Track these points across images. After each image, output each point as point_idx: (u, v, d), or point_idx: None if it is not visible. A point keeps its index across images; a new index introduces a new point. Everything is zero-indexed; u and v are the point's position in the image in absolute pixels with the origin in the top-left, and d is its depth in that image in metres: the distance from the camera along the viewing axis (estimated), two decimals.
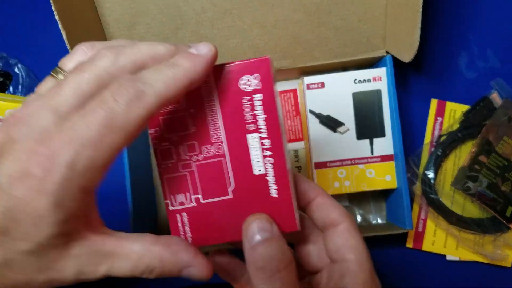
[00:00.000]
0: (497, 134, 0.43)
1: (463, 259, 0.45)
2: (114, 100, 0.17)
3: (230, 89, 0.22)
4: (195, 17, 0.40)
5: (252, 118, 0.22)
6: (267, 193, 0.22)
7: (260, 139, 0.22)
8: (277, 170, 0.22)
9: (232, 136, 0.22)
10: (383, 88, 0.41)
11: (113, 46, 0.20)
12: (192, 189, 0.23)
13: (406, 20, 0.36)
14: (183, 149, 0.23)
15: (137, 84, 0.18)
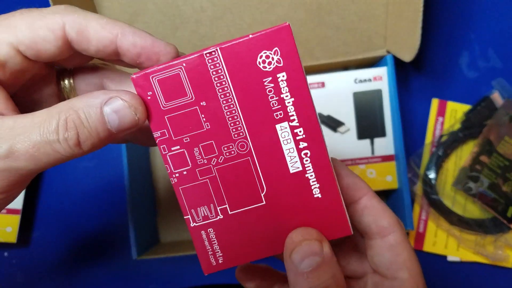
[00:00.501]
0: (498, 134, 0.43)
1: (464, 259, 0.45)
2: None
3: (246, 71, 0.18)
4: (194, 16, 0.39)
5: (278, 103, 0.18)
6: (310, 194, 0.19)
7: (291, 128, 0.18)
8: (318, 164, 0.19)
9: (257, 130, 0.18)
10: (384, 87, 0.41)
11: None
12: (216, 199, 0.19)
13: (407, 19, 0.36)
14: (198, 152, 0.19)
15: None
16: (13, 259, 0.47)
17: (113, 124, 0.18)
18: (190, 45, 0.41)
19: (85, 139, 0.17)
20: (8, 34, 0.18)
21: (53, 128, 0.17)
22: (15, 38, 0.18)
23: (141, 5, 0.39)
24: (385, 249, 0.20)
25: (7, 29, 0.18)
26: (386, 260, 0.20)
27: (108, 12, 0.39)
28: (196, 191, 0.19)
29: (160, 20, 0.39)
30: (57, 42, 0.18)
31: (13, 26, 0.18)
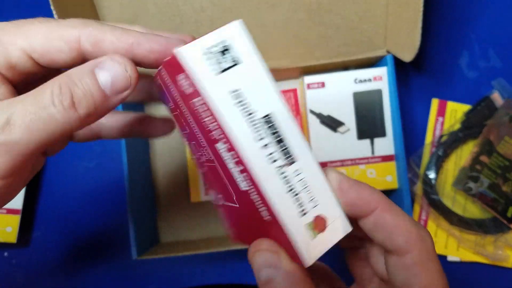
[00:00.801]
0: (498, 134, 0.43)
1: (464, 259, 0.45)
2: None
3: (177, 92, 0.19)
4: (194, 16, 0.39)
5: (210, 122, 0.17)
6: (260, 215, 0.18)
7: (227, 150, 0.17)
8: (256, 189, 0.17)
9: (209, 143, 0.18)
10: (384, 87, 0.41)
11: None
12: (215, 188, 0.21)
13: (407, 19, 0.36)
14: (194, 147, 0.21)
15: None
16: (13, 259, 0.47)
17: (105, 84, 0.18)
18: None
19: (79, 101, 0.17)
20: (23, 40, 0.19)
21: (48, 95, 0.17)
22: (29, 45, 0.19)
23: (141, 5, 0.39)
24: (401, 269, 0.18)
25: (23, 35, 0.19)
26: (401, 279, 0.18)
27: (108, 12, 0.39)
28: (205, 177, 0.21)
29: (160, 20, 0.39)
30: (71, 53, 0.19)
31: (29, 33, 0.19)
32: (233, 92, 0.17)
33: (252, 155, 0.17)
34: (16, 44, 0.18)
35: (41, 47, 0.19)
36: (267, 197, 0.17)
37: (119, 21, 0.39)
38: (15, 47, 0.18)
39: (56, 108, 0.17)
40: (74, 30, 0.19)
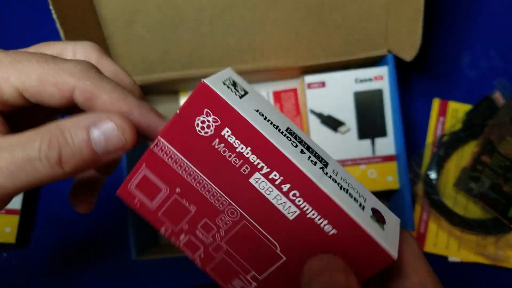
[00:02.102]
0: (499, 134, 0.43)
1: (465, 260, 0.45)
2: None
3: (193, 144, 0.17)
4: (194, 15, 0.39)
5: (239, 159, 0.17)
6: (322, 233, 0.17)
7: (265, 176, 0.17)
8: (314, 199, 0.17)
9: (236, 192, 0.18)
10: (384, 87, 0.41)
11: None
12: (241, 269, 0.19)
13: (408, 18, 0.36)
14: (201, 233, 0.19)
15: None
16: (12, 260, 0.47)
17: (99, 146, 0.18)
18: (190, 44, 0.40)
19: (67, 159, 0.17)
20: (17, 79, 0.18)
21: (36, 146, 0.17)
22: (22, 85, 0.18)
23: (141, 4, 0.39)
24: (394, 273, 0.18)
25: (19, 73, 0.18)
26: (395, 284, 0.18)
27: (107, 12, 0.39)
28: (221, 267, 0.20)
29: (160, 19, 0.39)
30: (61, 100, 0.19)
31: (25, 72, 0.18)
32: (257, 112, 0.17)
33: (300, 163, 0.17)
34: (9, 81, 0.18)
35: (33, 89, 0.18)
36: (330, 198, 0.16)
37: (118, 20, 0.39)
38: (7, 84, 0.18)
39: (42, 162, 0.17)
40: (71, 79, 0.18)
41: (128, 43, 0.40)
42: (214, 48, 0.41)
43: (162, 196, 0.19)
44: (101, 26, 0.39)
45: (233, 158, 0.17)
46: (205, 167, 0.18)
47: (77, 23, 0.35)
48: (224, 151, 0.17)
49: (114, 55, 0.41)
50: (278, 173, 0.17)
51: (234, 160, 0.17)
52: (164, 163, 0.18)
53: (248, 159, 0.17)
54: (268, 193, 0.17)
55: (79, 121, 0.18)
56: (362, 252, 0.17)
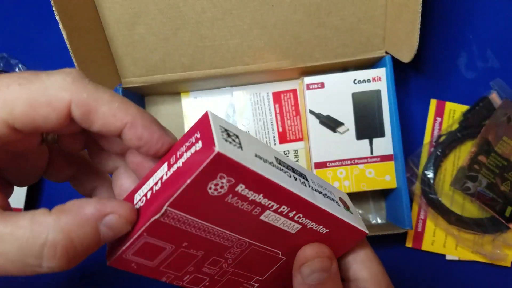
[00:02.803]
0: (496, 134, 0.44)
1: (462, 258, 0.46)
2: None
3: (207, 205, 0.17)
4: (195, 17, 0.40)
5: (251, 205, 0.18)
6: (318, 234, 0.21)
7: (275, 211, 0.19)
8: (315, 217, 0.20)
9: (244, 230, 0.19)
10: (382, 88, 0.41)
11: None
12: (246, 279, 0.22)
13: (406, 20, 0.36)
14: (208, 268, 0.20)
15: None
16: None
17: (106, 239, 0.17)
18: (191, 46, 0.41)
19: (74, 261, 0.16)
20: (2, 112, 0.16)
21: (36, 251, 0.15)
22: (11, 116, 0.16)
23: (142, 6, 0.39)
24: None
25: (3, 105, 0.16)
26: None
27: (109, 13, 0.39)
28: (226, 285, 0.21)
29: (161, 21, 0.40)
30: (59, 120, 0.16)
31: (9, 102, 0.16)
32: (256, 156, 0.18)
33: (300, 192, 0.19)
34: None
35: (25, 117, 0.16)
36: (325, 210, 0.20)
37: (120, 22, 0.40)
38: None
39: (43, 269, 0.16)
40: (65, 93, 0.16)
41: (130, 45, 0.41)
42: (215, 49, 0.41)
43: (165, 253, 0.18)
44: (104, 28, 0.40)
45: (245, 206, 0.18)
46: (216, 220, 0.18)
47: (80, 25, 0.36)
48: (237, 203, 0.18)
49: (116, 56, 0.41)
50: (286, 206, 0.19)
51: (247, 207, 0.18)
52: (172, 227, 0.17)
53: (260, 203, 0.18)
54: (276, 222, 0.19)
55: (84, 217, 0.16)
56: (345, 236, 0.21)
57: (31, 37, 0.49)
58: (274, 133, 0.47)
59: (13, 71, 0.47)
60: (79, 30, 0.35)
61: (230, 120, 0.47)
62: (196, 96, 0.48)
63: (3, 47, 0.49)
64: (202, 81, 0.44)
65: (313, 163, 0.42)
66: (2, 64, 0.48)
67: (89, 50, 0.37)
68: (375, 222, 0.46)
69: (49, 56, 0.49)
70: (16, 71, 0.48)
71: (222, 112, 0.47)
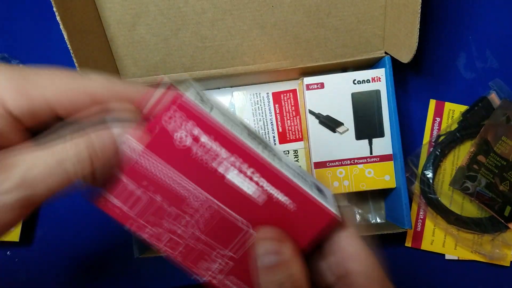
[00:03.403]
0: (495, 134, 0.44)
1: (462, 258, 0.46)
2: None
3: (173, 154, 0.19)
4: (195, 18, 0.40)
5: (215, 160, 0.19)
6: (284, 210, 0.20)
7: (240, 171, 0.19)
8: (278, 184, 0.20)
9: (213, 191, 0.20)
10: (382, 88, 0.41)
11: None
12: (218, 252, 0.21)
13: (405, 21, 0.36)
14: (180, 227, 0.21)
15: None
16: (16, 258, 0.47)
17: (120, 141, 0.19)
18: (191, 46, 0.41)
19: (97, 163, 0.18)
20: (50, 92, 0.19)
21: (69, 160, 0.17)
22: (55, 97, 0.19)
23: (143, 7, 0.39)
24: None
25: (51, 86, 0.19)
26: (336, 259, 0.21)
27: (110, 14, 0.40)
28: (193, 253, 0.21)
29: (162, 21, 0.40)
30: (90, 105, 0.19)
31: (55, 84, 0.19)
32: (225, 120, 0.19)
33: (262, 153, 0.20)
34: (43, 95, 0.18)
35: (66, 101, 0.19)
36: (294, 184, 0.20)
37: (121, 23, 0.40)
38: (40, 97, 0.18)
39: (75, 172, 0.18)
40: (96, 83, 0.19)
41: (131, 45, 0.41)
42: (215, 50, 0.41)
43: (143, 203, 0.20)
44: (104, 28, 0.40)
45: (209, 162, 0.19)
46: (186, 173, 0.19)
47: (81, 25, 0.36)
48: (201, 159, 0.19)
49: (117, 56, 0.41)
50: (248, 164, 0.19)
51: (211, 164, 0.19)
52: (148, 172, 0.19)
53: (223, 158, 0.19)
54: (241, 184, 0.19)
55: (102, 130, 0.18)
56: (314, 218, 0.20)
57: (32, 38, 0.49)
58: (274, 133, 0.47)
59: None
60: (79, 31, 0.35)
61: None
62: None
63: (4, 47, 0.49)
64: (203, 81, 0.44)
65: (313, 163, 0.42)
66: None
67: (89, 50, 0.37)
68: (375, 221, 0.47)
69: (50, 56, 0.49)
70: None
71: None
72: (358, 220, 0.47)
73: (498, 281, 0.46)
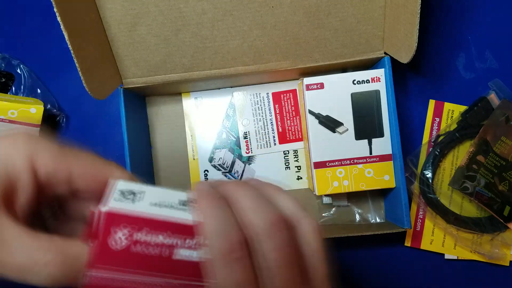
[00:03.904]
0: (495, 134, 0.44)
1: (461, 258, 0.46)
2: None
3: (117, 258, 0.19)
4: (195, 18, 0.40)
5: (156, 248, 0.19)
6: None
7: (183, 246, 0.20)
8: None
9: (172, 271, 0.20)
10: (381, 88, 0.42)
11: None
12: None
13: (405, 21, 0.37)
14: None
15: None
16: None
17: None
18: (191, 47, 0.41)
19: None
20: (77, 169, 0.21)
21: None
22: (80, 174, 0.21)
23: (143, 8, 0.39)
24: None
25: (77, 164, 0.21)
26: None
27: (110, 14, 0.40)
28: None
29: (162, 22, 0.40)
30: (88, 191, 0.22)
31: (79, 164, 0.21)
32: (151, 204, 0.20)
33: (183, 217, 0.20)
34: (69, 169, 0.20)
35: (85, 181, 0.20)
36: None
37: (121, 23, 0.40)
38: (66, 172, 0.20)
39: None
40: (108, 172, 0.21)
41: (131, 46, 0.41)
42: (215, 50, 0.41)
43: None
44: (105, 29, 0.40)
45: (152, 251, 0.19)
46: (135, 271, 0.19)
47: (82, 26, 0.36)
48: (142, 251, 0.19)
49: (117, 57, 0.42)
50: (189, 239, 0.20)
51: (155, 252, 0.19)
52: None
53: (163, 244, 0.19)
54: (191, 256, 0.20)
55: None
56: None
57: (32, 38, 0.49)
58: (274, 133, 0.47)
59: (14, 72, 0.48)
60: (80, 31, 0.35)
61: (230, 120, 0.48)
62: (197, 97, 0.48)
63: (5, 47, 0.49)
64: (203, 81, 0.44)
65: (313, 163, 0.42)
66: (3, 65, 0.48)
67: (90, 51, 0.37)
68: (374, 221, 0.47)
69: (50, 57, 0.49)
70: (17, 72, 0.48)
71: (222, 113, 0.48)
72: (358, 220, 0.47)
73: (498, 280, 0.46)
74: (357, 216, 0.47)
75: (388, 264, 0.47)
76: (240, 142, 0.47)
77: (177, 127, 0.48)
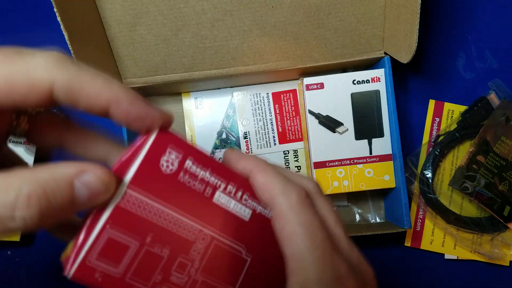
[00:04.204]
0: (494, 134, 0.44)
1: (461, 258, 0.46)
2: None
3: (160, 184, 0.18)
4: (195, 18, 0.40)
5: (202, 184, 0.19)
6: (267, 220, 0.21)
7: (224, 192, 0.20)
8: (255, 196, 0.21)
9: (202, 216, 0.19)
10: (381, 88, 0.42)
11: None
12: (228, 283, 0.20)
13: (405, 21, 0.37)
14: (174, 274, 0.18)
15: None
16: (17, 257, 0.48)
17: (82, 200, 0.16)
18: (191, 47, 0.41)
19: (47, 218, 0.15)
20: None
21: (10, 201, 0.14)
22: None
23: (143, 8, 0.39)
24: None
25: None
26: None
27: (110, 14, 0.40)
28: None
29: (162, 22, 0.40)
30: (38, 101, 0.16)
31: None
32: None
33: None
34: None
35: (3, 94, 0.16)
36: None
37: (121, 23, 0.40)
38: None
39: (16, 222, 0.14)
40: (46, 76, 0.16)
41: (131, 46, 0.41)
42: (215, 50, 0.41)
43: (130, 255, 0.17)
44: (105, 29, 0.40)
45: (197, 186, 0.19)
46: (175, 204, 0.18)
47: (82, 26, 0.36)
48: (189, 182, 0.19)
49: (117, 57, 0.42)
50: (232, 184, 0.20)
51: (198, 187, 0.19)
52: (133, 216, 0.17)
53: (208, 182, 0.19)
54: (228, 205, 0.20)
55: (60, 172, 0.15)
56: None
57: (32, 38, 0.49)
58: (274, 133, 0.47)
59: None
60: (80, 31, 0.35)
61: (230, 120, 0.48)
62: (197, 97, 0.48)
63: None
64: (203, 81, 0.44)
65: (313, 163, 0.42)
66: None
67: (90, 51, 0.37)
68: (374, 221, 0.47)
69: None
70: None
71: (222, 113, 0.48)
72: (358, 220, 0.47)
73: (498, 280, 0.46)
74: (357, 216, 0.47)
75: (388, 264, 0.47)
76: (240, 142, 0.47)
77: (177, 127, 0.48)
